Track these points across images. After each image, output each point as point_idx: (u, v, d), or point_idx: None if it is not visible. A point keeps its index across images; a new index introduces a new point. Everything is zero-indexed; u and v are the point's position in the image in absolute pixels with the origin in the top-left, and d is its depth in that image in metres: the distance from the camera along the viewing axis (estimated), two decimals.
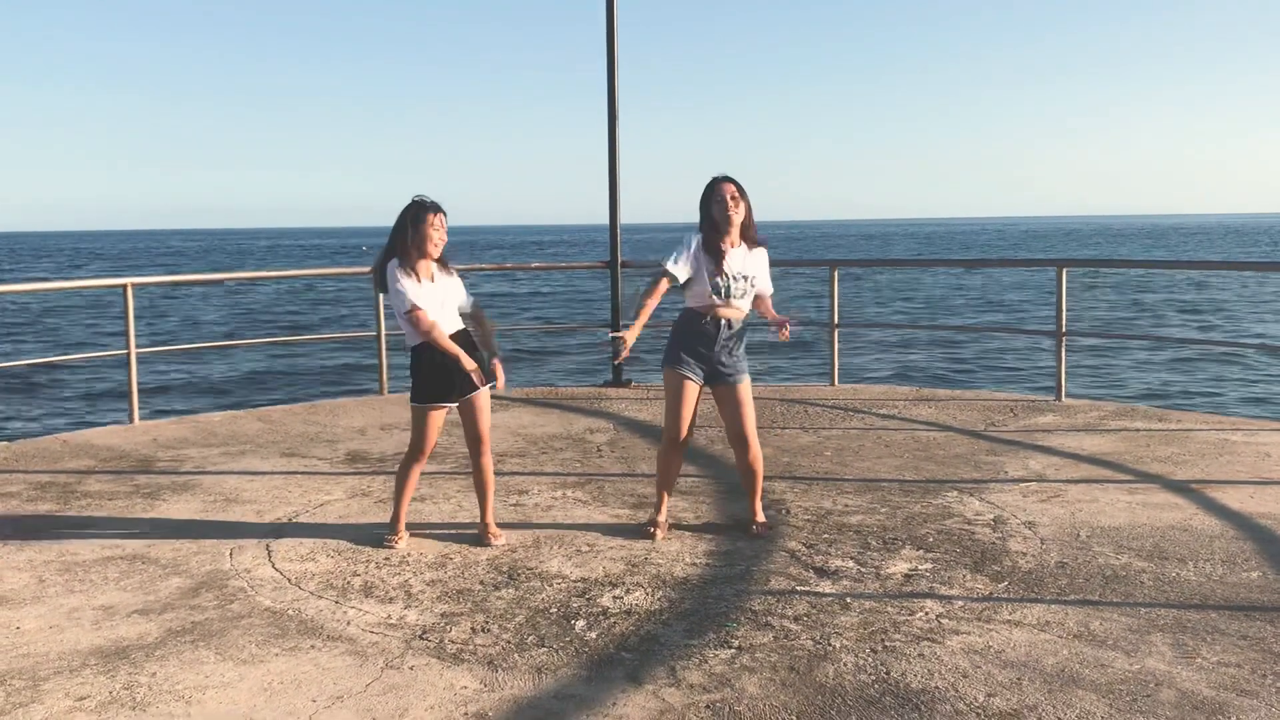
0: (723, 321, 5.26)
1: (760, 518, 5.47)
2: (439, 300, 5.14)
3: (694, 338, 5.27)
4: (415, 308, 5.04)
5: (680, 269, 5.22)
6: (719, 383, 5.32)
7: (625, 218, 10.09)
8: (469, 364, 5.12)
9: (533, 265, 13.20)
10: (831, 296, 9.80)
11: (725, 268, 5.21)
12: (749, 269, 5.28)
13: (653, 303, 5.25)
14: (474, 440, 5.34)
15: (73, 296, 39.19)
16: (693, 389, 5.29)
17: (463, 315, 5.33)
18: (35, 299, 38.42)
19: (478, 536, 5.35)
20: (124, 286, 8.60)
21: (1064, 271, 8.88)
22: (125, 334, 8.53)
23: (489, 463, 5.38)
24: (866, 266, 36.79)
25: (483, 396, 5.29)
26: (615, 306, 10.26)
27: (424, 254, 5.11)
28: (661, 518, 5.45)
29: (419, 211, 5.10)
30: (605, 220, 10.11)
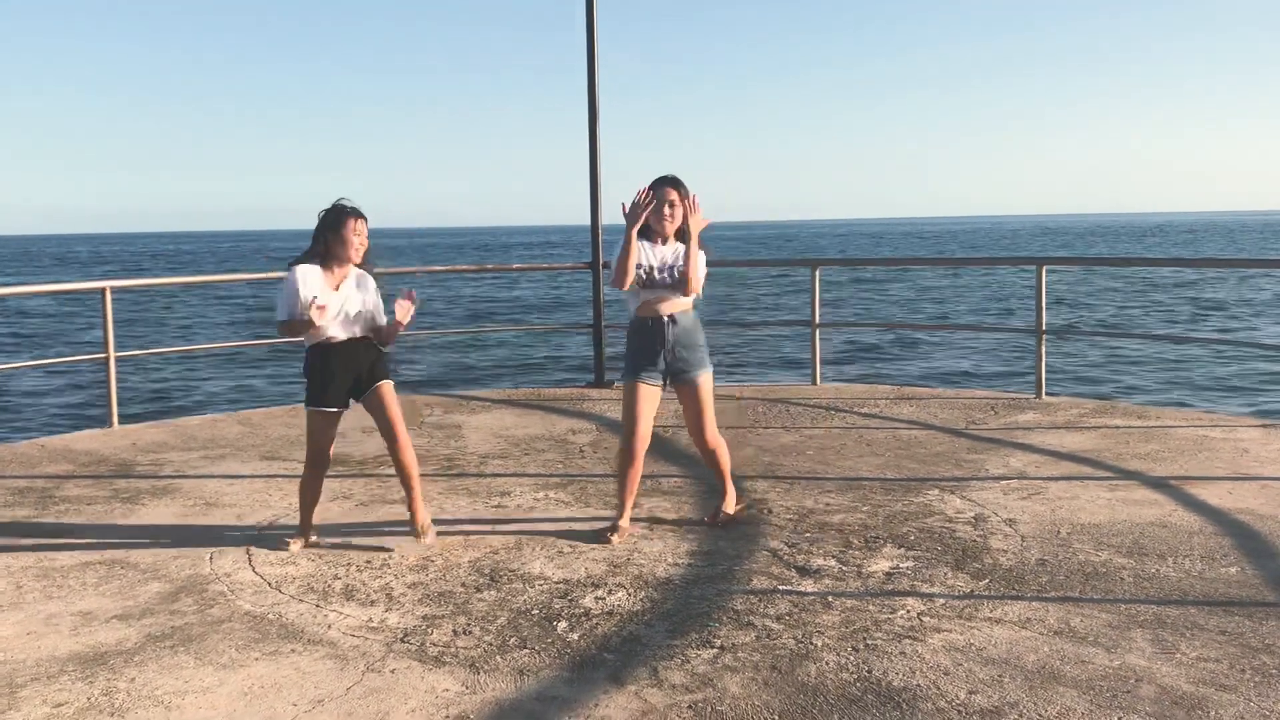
0: (665, 318, 5.28)
1: (728, 508, 5.53)
2: (337, 308, 5.09)
3: (643, 341, 5.33)
4: (281, 322, 5.09)
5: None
6: (677, 380, 5.38)
7: (607, 218, 10.08)
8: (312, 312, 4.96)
9: (514, 266, 13.18)
10: (813, 296, 9.82)
11: (645, 261, 5.23)
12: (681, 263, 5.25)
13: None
14: (385, 433, 5.28)
15: (56, 299, 38.91)
16: (649, 393, 5.35)
17: (372, 329, 5.28)
18: (16, 302, 38.13)
19: (459, 539, 5.34)
20: (102, 290, 8.54)
21: (1044, 270, 8.92)
22: (104, 337, 8.47)
23: (409, 458, 5.26)
24: (848, 266, 36.85)
25: (385, 388, 5.23)
26: (598, 307, 10.25)
27: (342, 260, 5.11)
28: (624, 522, 5.40)
29: (338, 215, 5.08)
30: (587, 221, 10.10)
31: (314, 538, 5.33)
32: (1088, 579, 4.63)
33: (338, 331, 5.13)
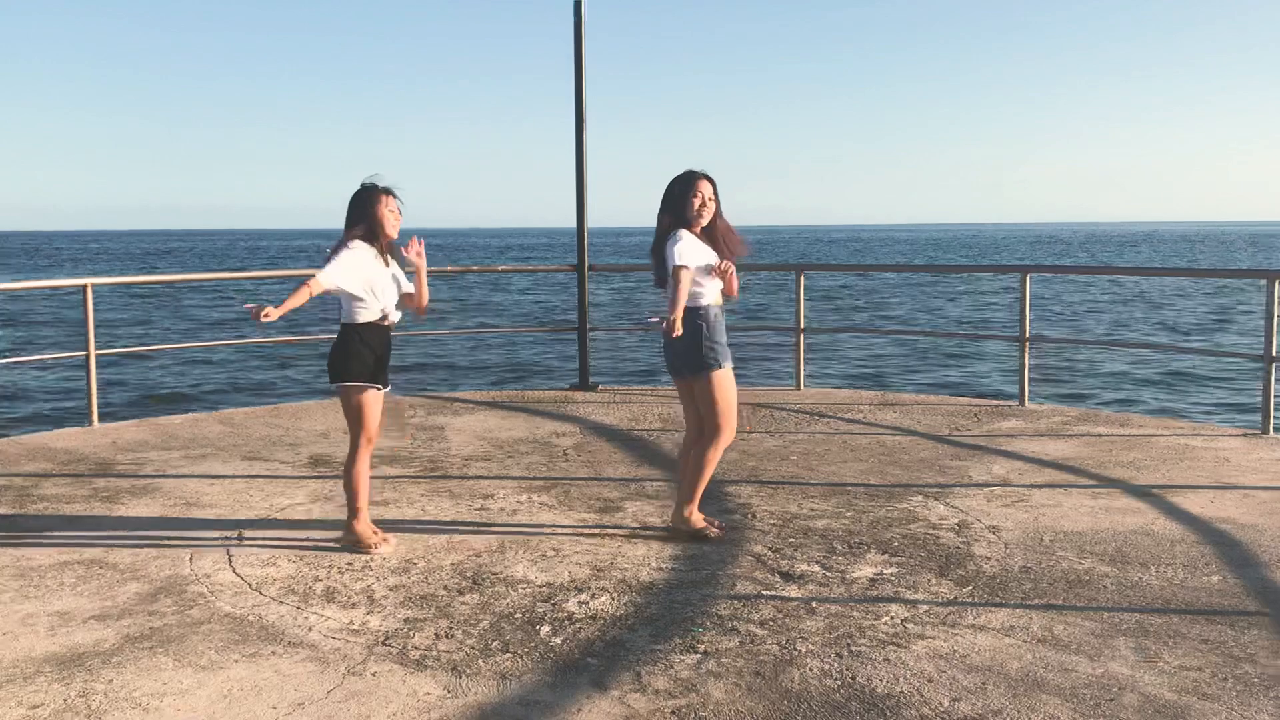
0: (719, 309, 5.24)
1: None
2: (387, 282, 5.11)
3: (721, 331, 5.21)
4: (338, 288, 4.99)
5: (699, 257, 5.10)
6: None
7: (593, 221, 10.08)
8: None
9: (500, 268, 13.17)
10: (798, 301, 9.83)
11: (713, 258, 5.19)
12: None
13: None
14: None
15: (39, 296, 38.63)
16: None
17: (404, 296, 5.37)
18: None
19: (442, 541, 5.32)
20: (84, 287, 8.47)
21: (1028, 277, 8.95)
22: (85, 335, 8.41)
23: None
24: (832, 271, 36.85)
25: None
26: (583, 308, 10.24)
27: (379, 236, 5.10)
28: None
29: (372, 194, 5.08)
30: (573, 223, 10.09)
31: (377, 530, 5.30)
32: (1071, 587, 4.64)
33: (392, 313, 5.14)
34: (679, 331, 5.02)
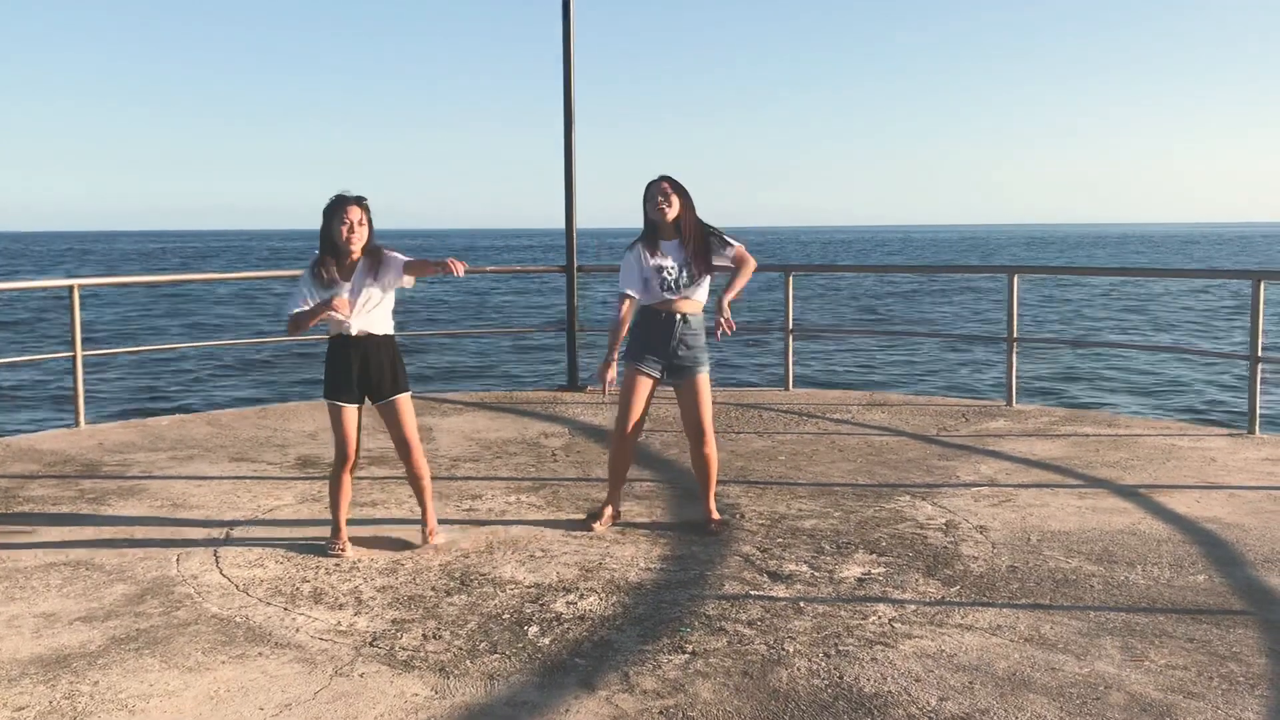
0: (677, 316, 5.38)
1: (715, 515, 5.56)
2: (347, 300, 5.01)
3: (650, 333, 5.39)
4: (291, 316, 4.97)
5: (633, 286, 5.39)
6: (678, 376, 5.42)
7: (583, 222, 10.07)
8: (334, 308, 4.94)
9: (489, 269, 13.16)
10: (786, 301, 9.84)
11: (666, 262, 5.36)
12: (692, 259, 5.39)
13: (625, 328, 5.46)
14: (399, 444, 5.25)
15: (27, 297, 38.43)
16: (645, 384, 5.42)
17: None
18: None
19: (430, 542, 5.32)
20: (70, 288, 8.44)
21: (1015, 278, 8.97)
22: (72, 336, 8.37)
23: (423, 470, 5.29)
24: (821, 272, 36.92)
25: (402, 402, 5.18)
26: (572, 309, 10.23)
27: (343, 251, 4.99)
28: (608, 511, 5.61)
29: (332, 205, 4.99)
30: (563, 224, 10.08)
31: (345, 539, 5.22)
32: (1058, 586, 4.65)
33: (352, 323, 5.03)
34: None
